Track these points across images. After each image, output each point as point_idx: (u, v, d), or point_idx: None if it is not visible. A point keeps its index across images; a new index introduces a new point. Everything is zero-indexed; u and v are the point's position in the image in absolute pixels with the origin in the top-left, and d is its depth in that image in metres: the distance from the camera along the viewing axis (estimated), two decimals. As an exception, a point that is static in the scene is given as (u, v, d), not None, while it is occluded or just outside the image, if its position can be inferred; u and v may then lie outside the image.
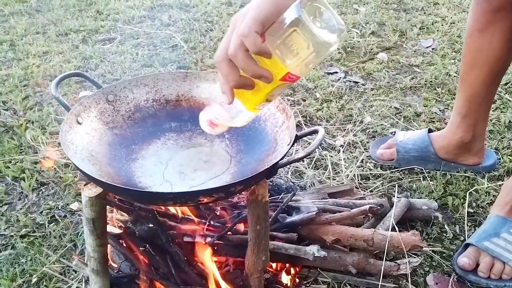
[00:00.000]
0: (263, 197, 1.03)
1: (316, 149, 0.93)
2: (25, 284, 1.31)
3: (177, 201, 0.89)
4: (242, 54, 0.68)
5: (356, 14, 2.96)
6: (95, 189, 0.96)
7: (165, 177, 1.05)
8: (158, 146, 1.15)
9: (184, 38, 2.71)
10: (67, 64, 2.43)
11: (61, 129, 0.98)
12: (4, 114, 2.04)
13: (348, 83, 2.26)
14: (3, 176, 1.70)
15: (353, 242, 1.28)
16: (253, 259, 1.12)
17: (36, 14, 3.11)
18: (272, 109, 1.14)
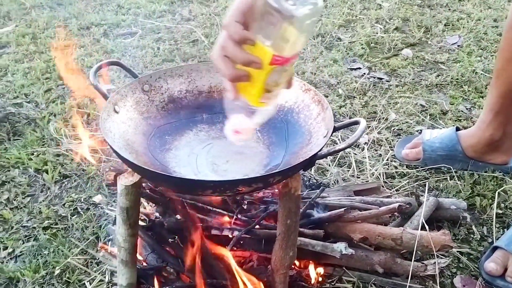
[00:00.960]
0: (296, 190, 1.02)
1: (357, 140, 0.91)
2: (48, 275, 1.31)
3: (217, 189, 0.88)
4: (230, 44, 0.73)
5: (380, 9, 2.92)
6: (131, 177, 0.95)
7: (198, 167, 1.04)
8: (190, 137, 1.14)
9: (204, 33, 2.70)
10: (89, 58, 2.44)
11: (100, 117, 0.97)
12: (26, 107, 2.05)
13: (372, 79, 2.23)
14: (26, 168, 1.70)
15: (381, 240, 1.26)
16: (281, 254, 1.11)
17: (57, 7, 3.12)
18: (306, 100, 1.12)
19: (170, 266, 1.14)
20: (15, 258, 1.36)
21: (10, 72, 2.32)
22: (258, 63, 0.73)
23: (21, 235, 1.43)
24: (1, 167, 1.70)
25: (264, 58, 0.73)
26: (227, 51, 0.74)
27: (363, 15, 2.86)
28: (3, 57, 2.47)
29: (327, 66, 2.31)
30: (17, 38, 2.66)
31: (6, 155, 1.74)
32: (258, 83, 0.78)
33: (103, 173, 1.65)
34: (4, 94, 2.13)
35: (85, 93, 1.98)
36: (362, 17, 2.84)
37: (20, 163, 1.71)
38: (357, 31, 2.66)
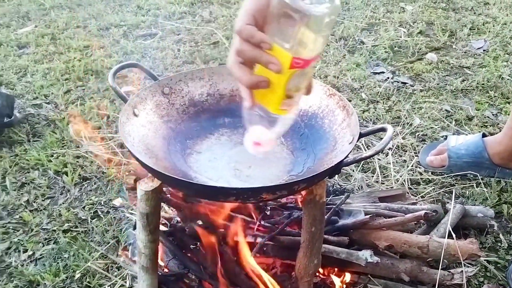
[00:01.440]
0: (321, 198, 0.99)
1: (385, 148, 0.88)
2: (68, 279, 1.30)
3: (240, 197, 0.86)
4: (246, 47, 0.70)
5: (403, 12, 2.88)
6: (151, 183, 0.93)
7: (220, 173, 1.02)
8: (212, 142, 1.11)
9: (225, 35, 2.68)
10: (108, 59, 2.43)
11: (119, 120, 0.95)
12: (46, 108, 2.05)
13: (395, 83, 2.19)
14: (46, 169, 1.70)
15: (407, 248, 1.23)
16: (305, 262, 1.08)
17: (76, 8, 3.14)
18: (331, 105, 1.09)
19: (192, 273, 1.12)
20: (35, 261, 1.35)
21: (30, 72, 2.33)
22: (277, 64, 0.70)
23: (41, 238, 1.42)
24: (21, 169, 1.69)
25: (284, 62, 0.70)
26: (245, 55, 0.71)
27: (386, 18, 2.81)
28: (22, 57, 2.48)
29: (350, 70, 2.27)
30: (36, 38, 2.68)
31: (25, 157, 1.74)
32: (278, 89, 0.74)
33: (123, 176, 1.64)
34: (24, 95, 2.14)
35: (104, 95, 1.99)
36: (385, 20, 2.79)
37: (39, 164, 1.70)
38: (380, 34, 2.62)
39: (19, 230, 1.45)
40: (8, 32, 2.76)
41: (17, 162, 1.72)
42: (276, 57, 0.70)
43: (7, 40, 2.65)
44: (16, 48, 2.58)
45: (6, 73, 2.31)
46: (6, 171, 1.67)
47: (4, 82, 2.23)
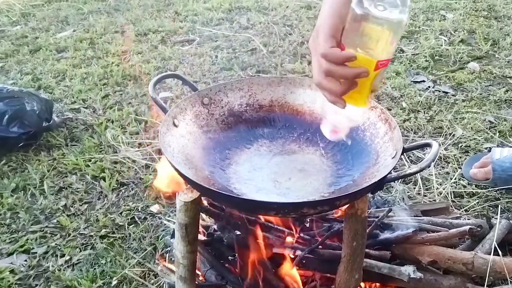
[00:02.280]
0: (363, 212, 0.96)
1: (430, 164, 0.84)
2: (105, 286, 1.30)
3: (280, 211, 0.84)
4: (334, 67, 0.76)
5: (443, 20, 2.81)
6: (190, 194, 0.92)
7: (259, 184, 1.00)
8: (251, 152, 1.10)
9: (263, 42, 2.67)
10: (146, 65, 2.45)
11: (160, 131, 0.95)
12: (84, 112, 2.08)
13: (437, 93, 2.13)
14: (83, 174, 1.71)
15: (451, 264, 1.18)
16: (345, 277, 1.05)
17: (114, 13, 3.19)
18: (372, 118, 1.06)
19: (230, 284, 1.10)
20: (72, 266, 1.36)
21: (68, 77, 2.37)
22: (365, 71, 0.75)
23: (78, 243, 1.43)
24: (59, 173, 1.72)
25: (370, 67, 0.76)
26: (334, 74, 0.77)
27: (426, 26, 2.75)
28: (61, 61, 2.53)
29: (390, 78, 2.22)
30: (75, 43, 2.73)
31: (63, 161, 1.76)
32: (365, 88, 0.80)
33: (160, 183, 1.64)
34: (62, 99, 2.17)
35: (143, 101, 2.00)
36: (425, 28, 2.73)
37: (77, 169, 1.72)
38: (421, 42, 2.56)
39: (56, 235, 1.46)
40: (47, 36, 2.82)
41: (55, 166, 1.74)
42: (362, 64, 0.75)
43: (46, 44, 2.71)
44: (55, 52, 2.63)
45: (45, 77, 2.36)
46: (44, 175, 1.69)
47: (43, 86, 2.28)
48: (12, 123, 1.76)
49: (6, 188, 1.62)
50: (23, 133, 1.78)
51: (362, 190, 0.86)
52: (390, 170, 0.89)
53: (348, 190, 0.90)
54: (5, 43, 2.75)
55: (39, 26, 2.98)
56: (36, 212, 1.53)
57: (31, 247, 1.41)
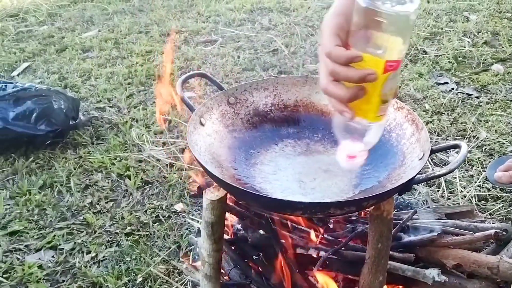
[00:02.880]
0: (389, 214, 0.96)
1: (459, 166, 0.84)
2: (130, 283, 1.32)
3: (307, 211, 0.84)
4: (338, 68, 0.71)
5: (467, 22, 2.78)
6: (217, 192, 0.93)
7: (284, 184, 1.00)
8: (275, 152, 1.10)
9: (284, 42, 2.68)
10: (170, 65, 2.47)
11: (187, 130, 0.96)
12: (109, 111, 2.11)
13: (460, 95, 2.11)
14: (109, 172, 1.74)
15: (476, 268, 1.17)
16: (369, 279, 1.04)
17: (138, 13, 3.23)
18: (398, 119, 1.05)
19: (254, 284, 1.11)
20: (98, 263, 1.38)
21: (93, 76, 2.41)
22: (372, 73, 0.70)
23: (104, 240, 1.45)
24: (85, 171, 1.75)
25: (377, 68, 0.70)
26: (339, 76, 0.71)
27: (449, 28, 2.72)
28: (87, 61, 2.57)
29: (413, 80, 2.21)
30: (100, 43, 2.78)
31: (89, 159, 1.79)
32: (374, 96, 0.74)
33: (185, 182, 1.66)
34: (88, 98, 2.21)
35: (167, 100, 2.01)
36: (448, 29, 2.71)
37: (103, 167, 1.75)
38: (444, 44, 2.54)
39: (82, 232, 1.49)
40: (73, 36, 2.87)
41: (81, 164, 1.77)
42: (369, 65, 0.70)
43: (72, 44, 2.76)
44: (81, 52, 2.68)
45: (71, 76, 2.41)
46: (70, 173, 1.72)
47: (69, 84, 2.32)
48: (39, 121, 1.80)
49: (34, 185, 1.65)
50: (50, 131, 1.81)
51: (390, 191, 0.86)
52: (419, 171, 0.88)
53: (375, 191, 0.90)
54: (33, 42, 2.81)
55: (65, 26, 3.03)
56: (63, 209, 1.56)
57: (58, 243, 1.44)
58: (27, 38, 2.89)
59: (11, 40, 2.87)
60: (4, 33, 2.96)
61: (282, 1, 3.29)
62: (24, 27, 3.07)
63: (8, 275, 1.34)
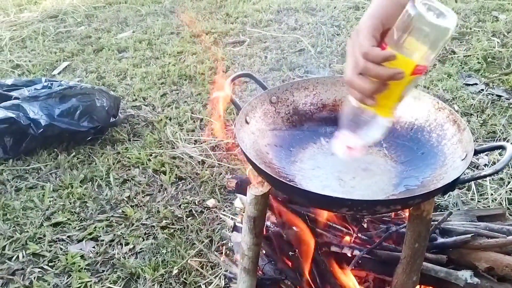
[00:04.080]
0: (428, 214, 0.97)
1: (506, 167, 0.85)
2: (166, 274, 1.36)
3: (353, 208, 0.86)
4: (371, 65, 0.76)
5: (496, 21, 2.76)
6: (261, 188, 0.96)
7: (324, 182, 1.03)
8: (314, 151, 1.12)
9: (311, 42, 2.71)
10: (200, 65, 2.52)
11: (235, 127, 1.00)
12: (144, 109, 2.16)
13: (490, 96, 2.11)
14: (145, 168, 1.79)
15: (508, 272, 1.16)
16: (403, 278, 1.06)
17: (170, 15, 3.28)
18: (439, 119, 1.06)
19: (288, 279, 1.14)
20: (136, 254, 1.43)
21: (129, 75, 2.47)
22: (401, 73, 0.75)
23: (141, 233, 1.50)
24: (123, 166, 1.80)
25: (407, 69, 0.75)
26: (369, 72, 0.76)
27: (478, 28, 2.71)
28: (122, 61, 2.64)
29: (441, 80, 2.21)
30: (134, 43, 2.84)
31: (127, 155, 1.85)
32: (395, 94, 0.79)
33: (216, 178, 1.70)
34: (124, 97, 2.27)
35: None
36: (477, 29, 2.70)
37: (139, 163, 1.80)
38: (472, 44, 2.53)
39: (121, 224, 1.54)
40: (109, 37, 2.94)
41: (119, 159, 1.83)
42: (399, 65, 0.75)
43: (108, 44, 2.83)
44: (117, 52, 2.75)
45: (108, 75, 2.47)
46: (109, 168, 1.78)
47: (106, 83, 2.39)
48: (82, 118, 1.87)
49: (75, 179, 1.72)
50: (91, 127, 1.88)
51: (435, 190, 0.86)
52: (463, 171, 0.89)
53: (415, 191, 0.92)
54: (71, 42, 2.89)
55: (101, 27, 3.11)
56: (103, 202, 1.62)
57: (99, 234, 1.49)
58: (66, 38, 2.98)
59: (51, 40, 2.96)
60: (45, 33, 3.06)
61: (308, 1, 3.31)
62: (63, 27, 3.15)
63: (53, 264, 1.40)
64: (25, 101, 1.85)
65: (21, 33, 3.06)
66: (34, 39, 2.97)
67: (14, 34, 3.05)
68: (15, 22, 3.27)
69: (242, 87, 2.29)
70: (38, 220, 1.54)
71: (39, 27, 3.13)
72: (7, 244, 1.47)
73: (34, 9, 3.50)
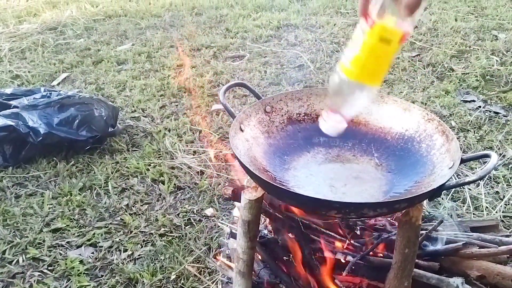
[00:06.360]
0: (417, 220, 0.99)
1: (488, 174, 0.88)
2: (164, 279, 1.38)
3: (341, 211, 0.89)
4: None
5: (495, 40, 2.81)
6: (255, 193, 0.99)
7: (317, 188, 1.05)
8: (308, 159, 1.15)
9: (310, 58, 2.75)
10: (200, 78, 2.56)
11: (230, 134, 1.03)
12: (143, 120, 2.20)
13: (487, 113, 2.14)
14: (144, 177, 1.82)
15: (499, 280, 1.19)
16: (395, 283, 1.08)
17: (169, 28, 3.34)
18: (429, 130, 1.10)
19: (283, 284, 1.16)
20: (134, 260, 1.45)
21: (128, 87, 2.51)
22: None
23: (139, 240, 1.52)
24: (121, 175, 1.83)
25: (396, 37, 0.78)
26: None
27: (477, 46, 2.76)
28: (121, 73, 2.68)
29: (439, 97, 2.25)
30: (133, 56, 2.89)
31: (126, 164, 1.87)
32: (387, 63, 0.83)
33: (215, 188, 1.72)
34: (123, 108, 2.30)
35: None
36: (476, 48, 2.74)
37: (138, 172, 1.83)
38: (471, 62, 2.57)
39: (120, 231, 1.56)
40: (109, 49, 3.00)
41: (118, 168, 1.85)
42: (392, 33, 0.78)
43: (107, 56, 2.88)
44: (116, 64, 2.79)
45: (107, 86, 2.51)
46: (108, 176, 1.81)
47: (105, 94, 2.43)
48: (81, 127, 1.89)
49: (74, 187, 1.74)
50: (90, 137, 1.90)
51: (421, 195, 0.89)
52: (449, 178, 0.92)
53: (405, 196, 0.94)
54: (71, 54, 2.94)
55: (101, 40, 3.16)
56: (101, 209, 1.64)
57: (97, 241, 1.51)
58: (65, 50, 3.03)
59: (50, 51, 3.01)
60: (44, 45, 3.11)
61: (308, 18, 3.37)
62: (63, 39, 3.21)
63: (52, 268, 1.43)
64: (24, 110, 1.88)
65: (21, 44, 3.12)
66: (34, 50, 3.02)
67: (13, 45, 3.11)
68: (14, 34, 3.33)
69: (242, 100, 2.33)
70: (38, 226, 1.57)
71: (39, 39, 3.18)
72: (7, 249, 1.49)
73: (33, 21, 3.57)
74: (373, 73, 0.83)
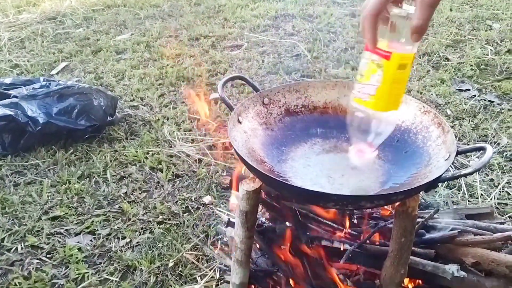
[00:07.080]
0: (413, 210, 1.01)
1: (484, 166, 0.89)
2: (162, 267, 1.40)
3: (339, 203, 0.90)
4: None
5: (490, 30, 2.82)
6: (253, 184, 1.00)
7: (314, 179, 1.07)
8: (305, 150, 1.17)
9: (307, 48, 2.75)
10: (198, 68, 2.57)
11: (228, 126, 1.04)
12: (142, 109, 2.20)
13: (482, 101, 2.15)
14: (142, 165, 1.83)
15: (494, 267, 1.20)
16: (391, 271, 1.10)
17: (168, 18, 3.33)
18: (425, 122, 1.11)
19: (280, 272, 1.18)
20: (132, 248, 1.47)
21: (127, 76, 2.51)
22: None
23: (137, 227, 1.54)
24: (120, 163, 1.84)
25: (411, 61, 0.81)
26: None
27: (472, 36, 2.77)
28: (120, 62, 2.68)
29: (434, 86, 2.26)
30: (132, 45, 2.89)
31: (124, 153, 1.89)
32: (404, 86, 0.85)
33: (213, 176, 1.74)
34: (122, 97, 2.31)
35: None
36: (471, 37, 2.75)
37: (136, 160, 1.84)
38: (466, 51, 2.58)
39: (118, 219, 1.58)
40: (108, 39, 2.99)
41: (117, 157, 1.87)
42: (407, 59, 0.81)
43: (106, 46, 2.87)
44: (115, 54, 2.79)
45: (106, 75, 2.51)
46: (107, 165, 1.82)
47: (104, 84, 2.43)
48: (80, 117, 1.90)
49: (73, 175, 1.75)
50: (89, 126, 1.91)
51: (418, 187, 0.90)
52: (445, 171, 0.94)
53: (401, 188, 0.96)
54: (70, 44, 2.93)
55: (100, 29, 3.15)
56: (100, 197, 1.66)
57: (96, 228, 1.53)
58: (64, 39, 3.02)
59: (50, 41, 3.00)
60: (43, 35, 3.10)
61: (305, 8, 3.36)
62: (62, 29, 3.20)
63: (51, 256, 1.44)
64: (23, 100, 1.89)
65: (20, 34, 3.11)
66: (33, 39, 3.01)
67: (13, 34, 3.10)
68: (14, 23, 3.32)
69: (240, 89, 2.34)
70: (36, 214, 1.58)
71: (38, 28, 3.17)
72: (6, 236, 1.51)
73: (32, 11, 3.55)
74: (397, 99, 0.86)
